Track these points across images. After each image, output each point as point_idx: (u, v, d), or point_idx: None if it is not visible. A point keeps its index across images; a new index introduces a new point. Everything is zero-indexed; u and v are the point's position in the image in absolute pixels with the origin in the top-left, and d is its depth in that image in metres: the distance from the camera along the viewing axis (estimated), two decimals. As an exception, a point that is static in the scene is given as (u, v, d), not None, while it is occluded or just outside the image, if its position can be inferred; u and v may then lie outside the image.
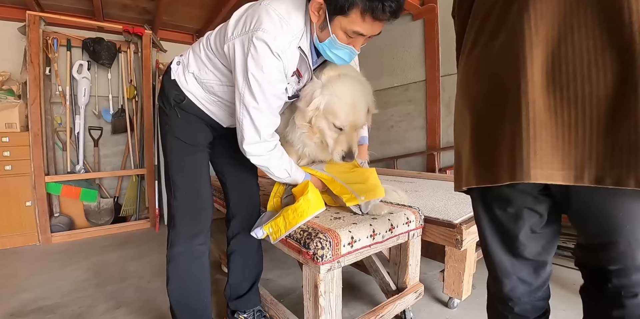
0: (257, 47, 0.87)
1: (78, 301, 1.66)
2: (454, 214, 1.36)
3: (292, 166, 1.13)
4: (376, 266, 1.38)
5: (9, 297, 1.71)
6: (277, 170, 1.09)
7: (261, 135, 0.99)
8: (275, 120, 1.03)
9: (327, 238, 0.96)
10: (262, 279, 1.82)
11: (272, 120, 1.01)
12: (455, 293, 1.41)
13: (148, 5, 2.98)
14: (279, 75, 0.93)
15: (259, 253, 1.37)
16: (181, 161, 1.12)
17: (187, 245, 1.11)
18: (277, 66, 0.91)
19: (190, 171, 1.12)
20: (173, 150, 1.13)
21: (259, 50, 0.87)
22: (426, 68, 3.06)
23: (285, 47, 0.89)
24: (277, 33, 0.87)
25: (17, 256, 2.34)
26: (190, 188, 1.12)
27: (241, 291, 1.32)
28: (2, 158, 2.44)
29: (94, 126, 3.04)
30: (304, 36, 0.93)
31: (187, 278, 1.13)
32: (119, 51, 3.02)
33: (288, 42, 0.90)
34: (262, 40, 0.86)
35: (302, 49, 0.94)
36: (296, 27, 0.90)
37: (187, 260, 1.12)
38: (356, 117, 1.10)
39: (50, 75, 2.77)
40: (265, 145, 1.03)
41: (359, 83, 1.14)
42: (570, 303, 1.51)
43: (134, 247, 2.47)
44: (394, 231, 1.17)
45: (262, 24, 0.87)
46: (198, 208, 1.13)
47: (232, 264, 1.32)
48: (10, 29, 2.73)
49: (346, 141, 1.11)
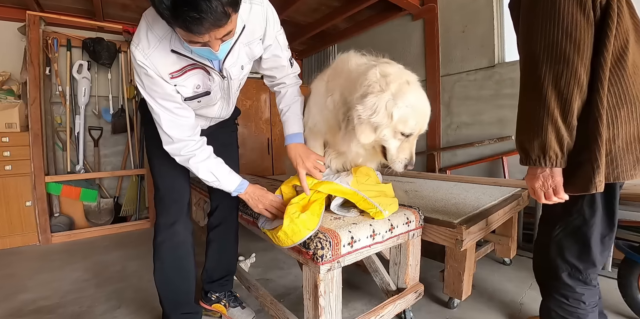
0: (132, 60, 0.96)
1: (78, 301, 1.66)
2: (454, 214, 1.36)
3: (221, 171, 1.14)
4: (376, 266, 1.38)
5: (9, 297, 1.71)
6: (202, 172, 1.11)
7: (171, 136, 1.05)
8: (181, 122, 1.04)
9: (327, 238, 0.96)
10: (262, 279, 1.83)
11: (176, 123, 1.04)
12: (455, 293, 1.41)
13: (148, 5, 2.95)
14: (152, 80, 0.96)
15: (236, 245, 1.49)
16: (158, 163, 1.22)
17: (166, 234, 1.22)
18: (146, 72, 0.94)
19: (165, 172, 1.22)
20: (153, 157, 1.24)
21: (133, 62, 0.96)
22: (426, 68, 3.06)
23: (149, 52, 0.92)
24: (141, 40, 0.92)
25: (17, 256, 2.34)
26: (165, 186, 1.23)
27: (215, 277, 1.45)
28: (2, 158, 2.44)
29: (94, 126, 3.04)
30: (174, 38, 0.92)
31: (169, 266, 1.24)
32: (119, 51, 3.02)
33: (153, 46, 0.92)
34: (132, 53, 0.94)
35: (177, 51, 0.93)
36: (160, 31, 0.91)
37: (167, 248, 1.23)
38: (425, 124, 1.09)
39: (50, 75, 2.77)
40: (179, 146, 1.07)
41: (422, 88, 1.10)
42: (570, 303, 1.51)
43: (134, 247, 2.48)
44: (394, 231, 1.17)
45: (134, 36, 0.94)
46: (172, 201, 1.23)
47: (209, 252, 1.44)
48: (10, 29, 2.73)
49: (409, 148, 1.10)
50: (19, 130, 2.51)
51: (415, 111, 1.03)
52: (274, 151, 3.75)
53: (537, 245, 1.02)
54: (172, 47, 0.93)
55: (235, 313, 1.43)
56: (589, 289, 0.93)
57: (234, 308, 1.44)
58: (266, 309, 1.35)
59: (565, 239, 0.91)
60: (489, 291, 1.63)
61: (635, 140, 0.78)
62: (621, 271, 1.42)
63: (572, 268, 0.91)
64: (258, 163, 3.55)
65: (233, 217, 1.43)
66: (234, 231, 1.45)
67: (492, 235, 1.81)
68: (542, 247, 0.98)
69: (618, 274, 1.43)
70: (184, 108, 1.05)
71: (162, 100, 1.00)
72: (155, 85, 0.97)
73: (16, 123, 2.50)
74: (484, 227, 1.37)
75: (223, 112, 1.26)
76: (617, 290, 1.42)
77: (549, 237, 0.95)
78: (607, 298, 1.55)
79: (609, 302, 1.52)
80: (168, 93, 1.00)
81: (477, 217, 1.34)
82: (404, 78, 1.05)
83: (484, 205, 1.51)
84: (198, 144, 1.09)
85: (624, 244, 1.45)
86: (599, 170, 0.74)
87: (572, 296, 0.93)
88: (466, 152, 2.84)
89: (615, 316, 1.42)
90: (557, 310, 0.96)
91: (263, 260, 2.10)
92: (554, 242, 0.93)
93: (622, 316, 1.41)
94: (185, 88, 1.02)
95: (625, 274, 1.40)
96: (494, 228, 1.50)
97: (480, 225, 1.33)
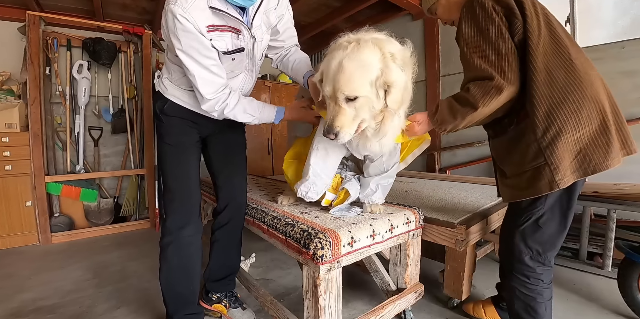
0: (167, 18, 0.97)
1: (78, 301, 1.66)
2: (454, 214, 1.36)
3: (254, 108, 1.19)
4: (376, 266, 1.38)
5: (9, 297, 1.71)
6: (240, 117, 1.17)
7: (204, 95, 1.08)
8: (215, 79, 1.08)
9: (327, 238, 0.96)
10: (262, 279, 1.83)
11: (210, 80, 1.07)
12: (455, 293, 1.41)
13: (148, 5, 2.98)
14: (191, 35, 0.98)
15: (240, 244, 1.49)
16: (170, 166, 1.25)
17: (175, 235, 1.21)
18: (184, 28, 0.97)
19: (178, 175, 1.24)
20: (165, 155, 1.26)
21: (169, 20, 0.97)
22: (426, 69, 3.06)
23: (187, 6, 0.95)
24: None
25: (17, 256, 2.34)
26: (177, 188, 1.24)
27: (219, 276, 1.46)
28: (2, 158, 2.44)
29: (94, 126, 3.04)
30: None
31: (175, 267, 1.23)
32: (119, 51, 3.02)
33: (191, 2, 0.95)
34: (169, 11, 0.96)
35: (215, 7, 0.99)
36: None
37: (174, 249, 1.22)
38: (337, 84, 0.98)
39: (50, 75, 2.77)
40: (212, 103, 1.11)
41: (371, 48, 0.98)
42: (570, 303, 1.51)
43: (134, 247, 2.47)
44: (393, 231, 1.17)
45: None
46: (184, 203, 1.24)
47: (214, 252, 1.44)
48: (10, 29, 2.73)
49: (329, 114, 1.07)
50: (19, 130, 2.52)
51: (326, 68, 0.96)
52: (274, 151, 3.75)
53: (504, 233, 1.16)
54: (210, 4, 0.98)
55: (235, 314, 1.43)
56: (546, 269, 1.08)
57: (234, 308, 1.44)
58: (266, 309, 1.35)
59: (528, 227, 1.06)
60: (489, 291, 1.63)
61: (599, 135, 0.91)
62: (621, 271, 1.42)
63: (533, 251, 1.07)
64: (258, 163, 3.56)
65: (240, 217, 1.43)
66: (239, 231, 1.45)
67: (492, 235, 1.81)
68: (508, 235, 1.12)
69: (618, 274, 1.43)
70: (218, 66, 1.08)
71: (200, 56, 1.02)
72: (193, 41, 0.99)
73: (16, 123, 2.50)
74: (484, 227, 1.37)
75: (246, 85, 1.29)
76: (617, 290, 1.42)
77: (514, 225, 1.09)
78: (607, 298, 1.56)
79: (609, 302, 1.52)
80: (206, 47, 1.02)
81: (477, 217, 1.34)
82: (365, 38, 0.95)
83: (484, 205, 1.51)
84: (227, 94, 1.13)
85: (624, 244, 1.45)
86: (557, 170, 0.90)
87: (533, 275, 1.08)
88: (466, 152, 2.84)
89: (615, 316, 1.42)
90: (520, 288, 1.10)
91: (263, 260, 2.10)
92: (519, 230, 1.08)
93: (622, 316, 1.41)
94: (220, 43, 1.05)
95: (625, 274, 1.40)
96: (494, 228, 1.50)
97: (480, 225, 1.33)
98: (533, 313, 1.09)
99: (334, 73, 0.93)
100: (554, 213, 1.02)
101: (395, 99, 0.94)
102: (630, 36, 2.05)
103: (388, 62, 0.92)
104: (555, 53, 0.94)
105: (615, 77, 2.06)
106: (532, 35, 0.92)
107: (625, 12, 2.14)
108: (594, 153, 0.91)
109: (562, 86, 0.91)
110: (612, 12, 2.21)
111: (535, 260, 1.07)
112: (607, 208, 1.71)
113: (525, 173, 0.98)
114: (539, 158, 0.93)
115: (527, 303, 1.09)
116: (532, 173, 0.96)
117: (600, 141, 0.91)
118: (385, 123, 1.00)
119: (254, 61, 1.22)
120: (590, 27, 2.27)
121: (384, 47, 0.93)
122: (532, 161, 0.95)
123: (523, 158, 0.97)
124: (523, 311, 1.10)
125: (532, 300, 1.08)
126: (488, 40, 0.94)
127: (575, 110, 0.90)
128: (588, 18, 2.27)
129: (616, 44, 2.08)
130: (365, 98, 0.93)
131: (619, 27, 2.16)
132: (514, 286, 1.12)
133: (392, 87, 0.92)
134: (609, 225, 1.72)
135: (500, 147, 1.09)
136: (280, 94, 3.88)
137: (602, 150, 0.90)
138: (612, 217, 1.70)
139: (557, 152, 0.90)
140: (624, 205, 1.64)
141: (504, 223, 1.18)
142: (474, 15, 0.98)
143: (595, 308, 1.49)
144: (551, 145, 0.91)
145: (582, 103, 0.90)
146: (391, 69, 0.91)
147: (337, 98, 0.94)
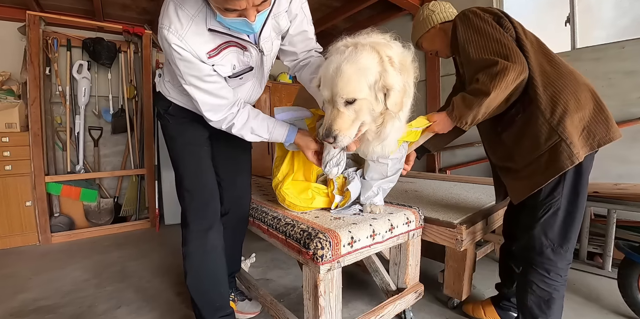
0: (164, 45, 0.91)
1: (78, 301, 1.66)
2: (454, 214, 1.36)
3: (263, 130, 1.12)
4: (376, 266, 1.38)
5: (9, 297, 1.71)
6: (248, 137, 1.12)
7: (210, 118, 1.05)
8: (219, 102, 1.02)
9: (327, 238, 0.96)
10: (262, 279, 1.83)
11: (217, 104, 1.02)
12: (455, 293, 1.41)
13: (148, 5, 2.98)
14: (188, 64, 0.93)
15: (240, 248, 1.50)
16: (184, 165, 1.20)
17: (201, 240, 1.18)
18: (181, 57, 0.91)
19: (193, 173, 1.20)
20: (180, 155, 1.21)
21: (165, 47, 0.91)
22: (426, 69, 3.06)
23: (183, 33, 0.88)
24: (172, 22, 0.87)
25: (17, 256, 2.34)
26: (195, 187, 1.19)
27: None
28: (2, 158, 2.44)
29: (94, 126, 3.04)
30: (209, 15, 0.89)
31: (203, 272, 1.20)
32: (119, 51, 3.02)
33: (186, 26, 0.88)
34: (163, 38, 0.89)
35: (214, 29, 0.91)
36: (191, 8, 0.88)
37: (201, 254, 1.18)
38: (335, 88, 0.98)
39: (50, 75, 2.77)
40: (218, 123, 1.07)
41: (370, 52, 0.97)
42: (570, 303, 1.51)
43: (134, 247, 2.47)
44: (394, 231, 1.17)
45: (162, 19, 0.89)
46: (205, 203, 1.19)
47: None
48: (10, 29, 2.73)
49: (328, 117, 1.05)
50: (19, 130, 2.51)
51: (325, 73, 0.95)
52: (274, 151, 3.75)
53: (522, 228, 1.15)
54: (209, 26, 0.90)
55: (244, 306, 1.45)
56: (567, 263, 1.08)
57: (242, 301, 1.47)
58: (266, 309, 1.35)
59: (548, 219, 1.06)
60: (489, 291, 1.63)
61: (597, 113, 1.01)
62: (621, 271, 1.42)
63: (555, 244, 1.07)
64: (258, 163, 3.55)
65: (244, 219, 1.40)
66: (243, 233, 1.45)
67: (492, 235, 1.81)
68: (527, 229, 1.11)
69: (618, 275, 1.43)
70: (223, 88, 1.02)
71: (201, 83, 0.97)
72: (192, 69, 0.94)
73: (16, 123, 2.50)
74: (484, 227, 1.37)
75: (254, 93, 1.23)
76: (617, 290, 1.42)
77: (533, 219, 1.09)
78: (607, 298, 1.56)
79: (609, 302, 1.52)
80: (207, 74, 0.96)
81: (477, 217, 1.34)
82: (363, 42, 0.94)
83: (484, 205, 1.51)
84: (233, 114, 1.07)
85: (624, 244, 1.45)
86: (572, 144, 0.96)
87: (554, 270, 1.08)
88: (466, 151, 2.84)
89: (615, 316, 1.42)
90: (538, 283, 1.09)
91: (263, 260, 2.10)
92: (539, 223, 1.07)
93: (622, 316, 1.41)
94: (224, 68, 0.99)
95: (625, 274, 1.40)
96: (494, 228, 1.50)
97: (481, 225, 1.33)
98: (546, 308, 1.09)
99: (332, 77, 0.92)
100: (570, 203, 1.04)
101: (395, 102, 0.93)
102: (630, 36, 2.05)
103: (386, 65, 0.91)
104: (540, 51, 1.06)
105: (615, 77, 2.06)
106: (521, 33, 1.05)
107: (625, 12, 2.15)
108: (597, 129, 1.00)
109: (557, 76, 1.02)
110: (612, 12, 2.22)
111: (557, 252, 1.07)
112: (607, 208, 1.71)
113: (542, 157, 1.02)
114: (553, 136, 0.98)
115: (542, 298, 1.09)
116: (549, 154, 1.00)
117: (600, 118, 1.00)
118: (387, 126, 0.99)
119: (262, 71, 1.16)
120: (590, 27, 2.27)
121: (382, 51, 0.92)
122: (547, 141, 1.00)
123: (536, 141, 1.02)
124: (536, 306, 1.10)
125: (548, 295, 1.08)
126: (485, 35, 1.03)
127: (574, 93, 1.00)
128: (588, 18, 2.27)
129: (616, 44, 2.08)
130: (364, 100, 0.93)
131: (619, 27, 2.16)
132: (531, 281, 1.10)
133: (391, 90, 0.92)
134: (609, 225, 1.72)
135: (508, 140, 1.11)
136: (280, 94, 3.87)
137: (603, 126, 1.00)
138: (612, 217, 1.70)
139: (568, 128, 0.97)
140: (624, 205, 1.64)
141: (520, 221, 1.17)
142: (468, 20, 1.08)
143: (595, 308, 1.49)
144: (561, 123, 0.98)
145: (578, 88, 1.01)
146: (389, 72, 0.91)
147: (336, 102, 0.93)
